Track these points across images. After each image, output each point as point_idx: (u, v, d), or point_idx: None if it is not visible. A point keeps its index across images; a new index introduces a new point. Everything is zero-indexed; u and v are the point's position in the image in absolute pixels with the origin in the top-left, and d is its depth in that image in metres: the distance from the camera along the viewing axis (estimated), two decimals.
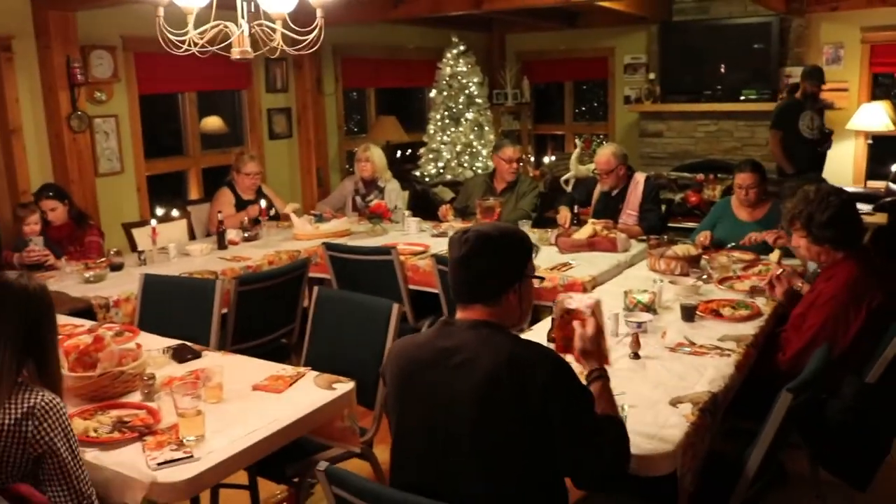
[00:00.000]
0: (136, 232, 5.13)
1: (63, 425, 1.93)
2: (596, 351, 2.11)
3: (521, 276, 1.99)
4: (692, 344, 2.91)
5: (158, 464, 2.07)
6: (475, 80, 8.16)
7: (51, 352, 2.05)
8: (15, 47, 5.09)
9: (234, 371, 2.67)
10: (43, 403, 1.90)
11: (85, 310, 3.66)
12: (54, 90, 5.19)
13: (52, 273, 4.23)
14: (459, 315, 2.00)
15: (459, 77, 8.10)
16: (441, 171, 8.06)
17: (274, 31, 3.03)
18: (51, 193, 4.64)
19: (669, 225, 6.04)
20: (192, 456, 2.11)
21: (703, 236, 4.40)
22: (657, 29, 8.43)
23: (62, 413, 1.94)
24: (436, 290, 4.16)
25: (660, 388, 2.51)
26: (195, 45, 2.99)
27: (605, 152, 5.14)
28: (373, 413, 2.96)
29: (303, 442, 2.60)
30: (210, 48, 3.02)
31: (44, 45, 5.17)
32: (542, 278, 2.28)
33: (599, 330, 2.14)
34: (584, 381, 2.02)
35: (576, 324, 2.15)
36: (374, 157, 5.86)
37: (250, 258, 4.56)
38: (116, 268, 4.24)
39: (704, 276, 3.76)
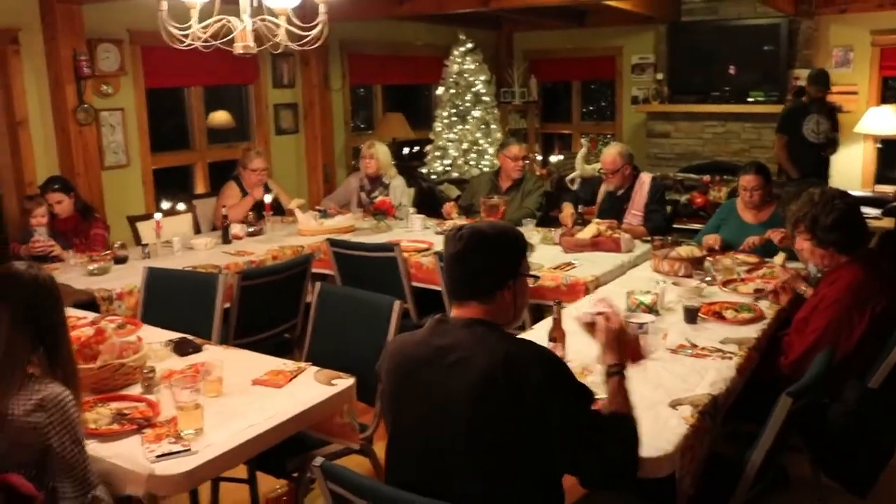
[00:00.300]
0: (140, 225, 5.13)
1: (70, 418, 1.94)
2: (618, 345, 2.11)
3: (515, 273, 1.99)
4: (694, 346, 2.90)
5: (157, 456, 2.08)
6: (482, 77, 8.16)
7: (62, 341, 2.07)
8: (21, 40, 5.09)
9: (235, 365, 2.67)
10: (52, 396, 1.92)
11: (88, 302, 3.67)
12: (61, 83, 5.20)
13: (57, 265, 4.24)
14: (454, 313, 2.00)
15: (467, 75, 8.09)
16: (447, 168, 8.05)
17: (278, 26, 3.03)
18: (57, 186, 4.65)
19: (674, 226, 6.03)
20: (190, 449, 2.11)
21: (713, 240, 4.37)
22: (665, 29, 8.40)
23: (70, 406, 1.94)
24: (439, 288, 4.15)
25: (660, 389, 2.50)
26: (198, 39, 3.00)
27: (611, 152, 5.13)
28: (373, 410, 2.96)
29: (303, 437, 2.60)
30: (213, 42, 3.02)
31: (50, 38, 5.18)
32: (536, 277, 2.28)
33: (622, 326, 2.14)
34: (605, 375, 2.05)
35: (599, 318, 2.15)
36: (378, 154, 5.86)
37: (254, 253, 4.56)
38: (121, 261, 4.25)
39: (708, 278, 3.75)
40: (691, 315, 3.18)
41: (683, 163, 8.27)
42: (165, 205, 6.15)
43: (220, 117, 7.12)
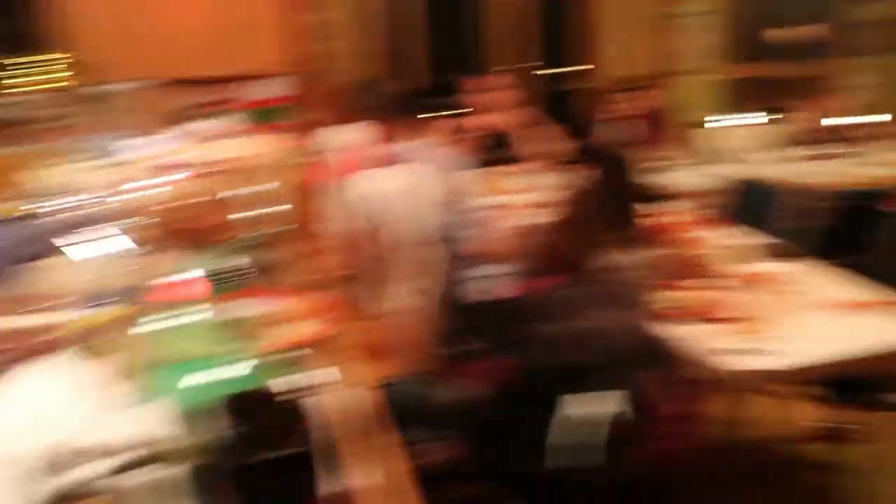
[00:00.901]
0: (706, 131, 5.10)
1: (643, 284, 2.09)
2: None
3: None
4: None
5: (722, 349, 2.04)
6: None
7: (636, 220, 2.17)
8: None
9: (824, 284, 2.46)
10: (636, 259, 2.05)
11: (661, 197, 3.71)
12: None
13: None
14: None
15: None
16: None
17: None
18: (634, 86, 4.81)
19: None
20: (760, 351, 2.01)
21: None
22: None
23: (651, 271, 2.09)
24: None
25: None
26: None
27: None
28: None
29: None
30: None
31: None
32: None
33: None
34: None
35: None
36: None
37: None
38: (705, 162, 4.30)
39: None
40: None
41: None
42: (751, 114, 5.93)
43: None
